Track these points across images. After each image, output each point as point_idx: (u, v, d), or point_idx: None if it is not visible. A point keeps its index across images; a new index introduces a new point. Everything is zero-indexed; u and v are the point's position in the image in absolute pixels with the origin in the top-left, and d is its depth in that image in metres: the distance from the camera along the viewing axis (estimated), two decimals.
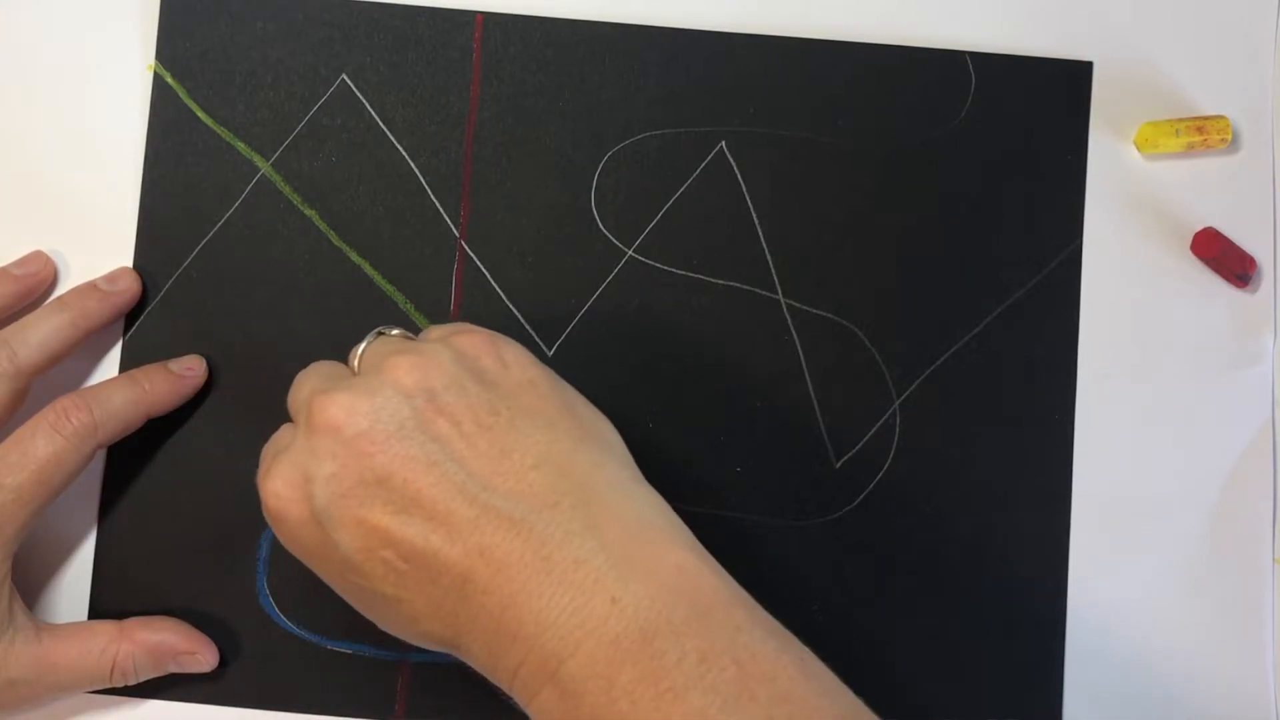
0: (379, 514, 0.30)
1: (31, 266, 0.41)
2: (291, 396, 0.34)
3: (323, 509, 0.31)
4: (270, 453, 0.34)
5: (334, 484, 0.30)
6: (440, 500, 0.30)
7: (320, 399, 0.31)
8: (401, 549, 0.30)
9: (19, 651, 0.37)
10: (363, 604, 0.32)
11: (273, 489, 0.31)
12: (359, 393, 0.31)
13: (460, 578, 0.30)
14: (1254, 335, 0.42)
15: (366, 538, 0.30)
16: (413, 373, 0.31)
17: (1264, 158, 0.43)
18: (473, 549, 0.29)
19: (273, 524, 0.32)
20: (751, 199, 0.42)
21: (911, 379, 0.42)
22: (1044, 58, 0.43)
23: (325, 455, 0.31)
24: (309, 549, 0.32)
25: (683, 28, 0.43)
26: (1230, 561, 0.41)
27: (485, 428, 0.31)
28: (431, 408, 0.31)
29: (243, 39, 0.42)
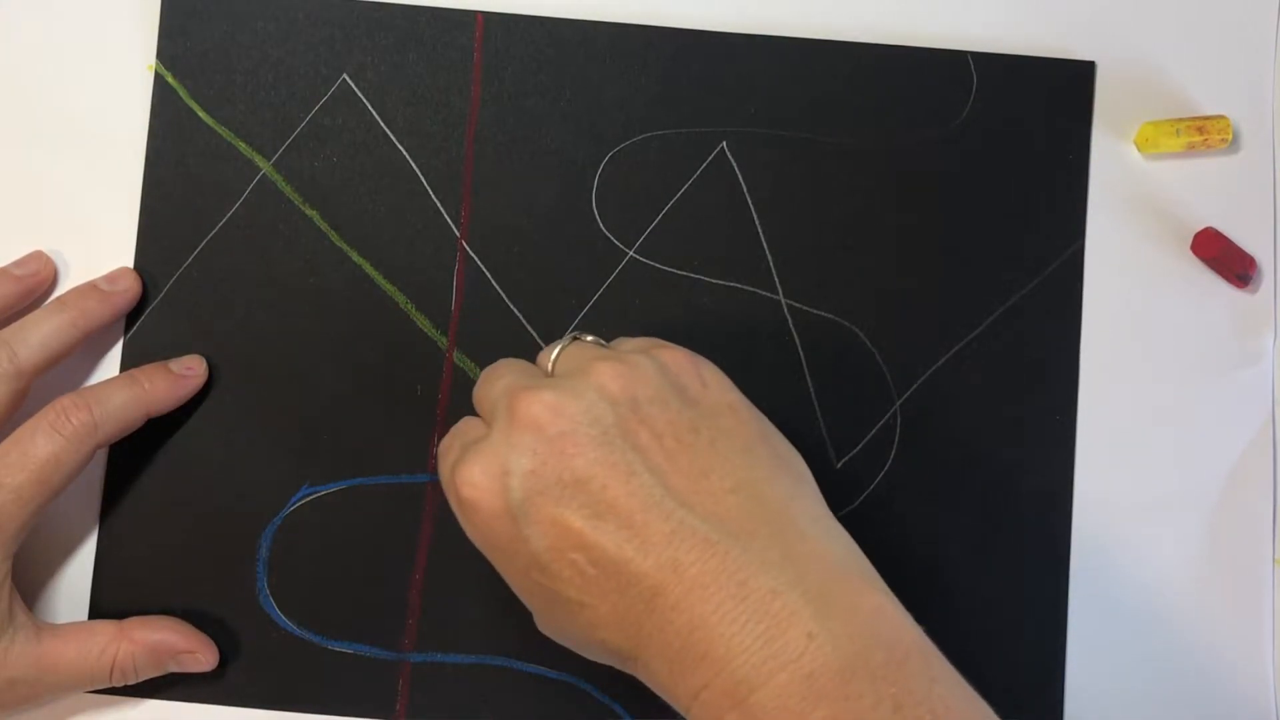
0: (574, 516, 0.30)
1: (31, 266, 0.41)
2: (483, 390, 0.34)
3: (518, 503, 0.30)
4: (457, 443, 0.33)
5: (532, 480, 0.30)
6: (637, 510, 0.30)
7: (525, 395, 0.31)
8: (592, 553, 0.30)
9: (19, 651, 0.37)
10: (540, 604, 0.32)
11: (468, 477, 0.31)
12: (564, 393, 0.31)
13: (650, 590, 0.29)
14: (1254, 335, 0.42)
15: (559, 537, 0.30)
16: (618, 380, 0.31)
17: (1264, 158, 0.43)
18: (666, 563, 0.29)
19: (462, 512, 0.32)
20: (752, 199, 0.42)
21: (912, 379, 0.42)
22: (1046, 58, 0.43)
23: (526, 451, 0.31)
24: (496, 542, 0.31)
25: (684, 28, 0.43)
26: (1231, 561, 0.41)
27: (685, 445, 0.31)
28: (635, 417, 0.31)
29: (244, 39, 0.42)
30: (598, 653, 0.32)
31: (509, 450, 0.31)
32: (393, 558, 0.41)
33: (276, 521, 0.41)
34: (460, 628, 0.41)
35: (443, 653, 0.41)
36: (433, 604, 0.41)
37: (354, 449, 0.41)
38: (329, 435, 0.41)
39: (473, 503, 0.31)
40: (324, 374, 0.42)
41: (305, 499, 0.41)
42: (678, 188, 0.42)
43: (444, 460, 0.34)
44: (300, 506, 0.41)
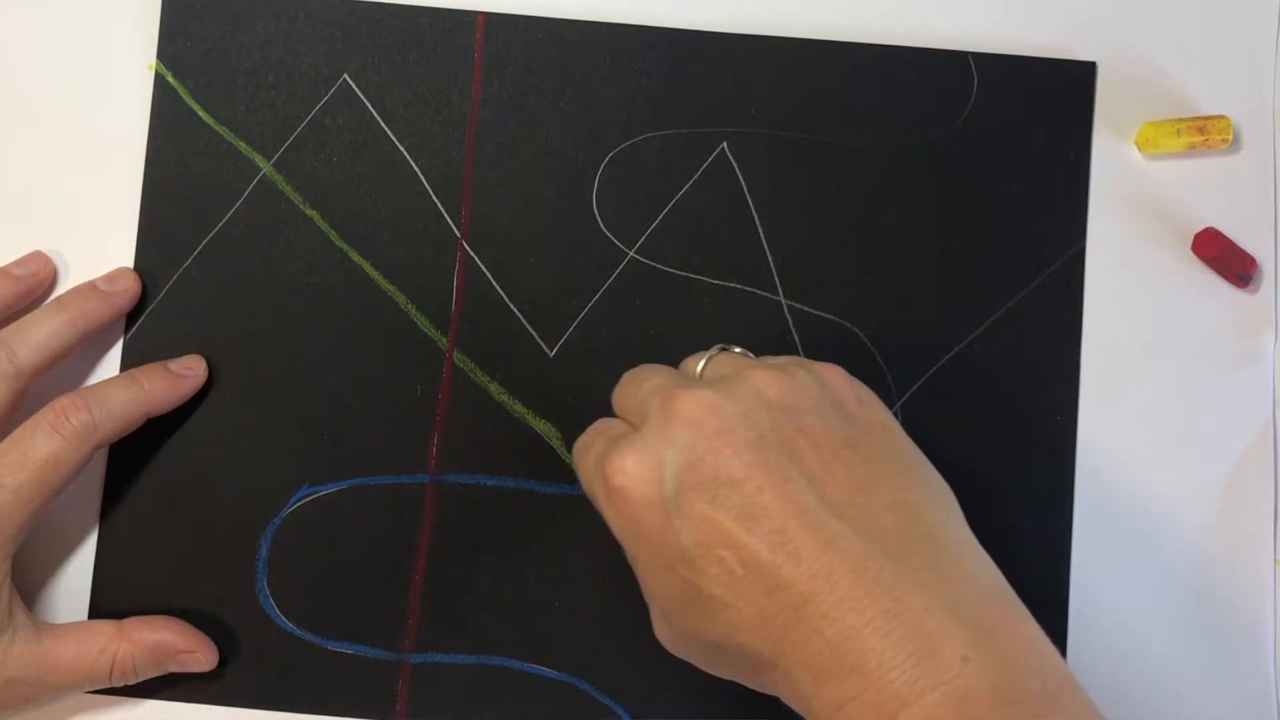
0: (726, 514, 0.30)
1: (31, 266, 0.41)
2: (628, 389, 0.34)
3: (670, 495, 0.30)
4: (599, 439, 0.33)
5: (687, 474, 0.30)
6: (791, 516, 0.30)
7: (683, 392, 0.31)
8: (743, 554, 0.30)
9: (19, 651, 0.37)
10: (676, 601, 0.31)
11: (621, 466, 0.31)
12: (723, 394, 0.31)
13: (800, 597, 0.29)
14: (1255, 335, 0.42)
15: (709, 533, 0.30)
16: (776, 387, 0.31)
17: (1265, 158, 0.43)
18: (818, 572, 0.29)
19: (610, 500, 0.32)
20: (753, 200, 0.42)
21: (913, 380, 0.42)
22: (1047, 58, 0.43)
23: (683, 446, 0.30)
24: (643, 532, 0.31)
25: (684, 28, 0.43)
26: (1231, 561, 0.41)
27: (842, 459, 0.31)
28: (792, 425, 0.31)
29: (244, 39, 0.42)
30: (731, 658, 0.31)
31: (664, 443, 0.31)
32: (393, 558, 0.41)
33: (276, 521, 0.41)
34: (460, 628, 0.41)
35: (443, 653, 0.41)
36: (433, 604, 0.41)
37: (354, 449, 0.41)
38: (329, 435, 0.41)
39: (623, 490, 0.31)
40: (324, 374, 0.41)
41: (305, 499, 0.41)
42: (678, 188, 0.42)
43: (585, 454, 0.34)
44: (300, 506, 0.41)
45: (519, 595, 0.41)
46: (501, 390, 0.42)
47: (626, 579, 0.41)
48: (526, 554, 0.41)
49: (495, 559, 0.41)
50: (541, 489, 0.41)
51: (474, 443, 0.41)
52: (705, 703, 0.41)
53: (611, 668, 0.41)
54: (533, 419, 0.42)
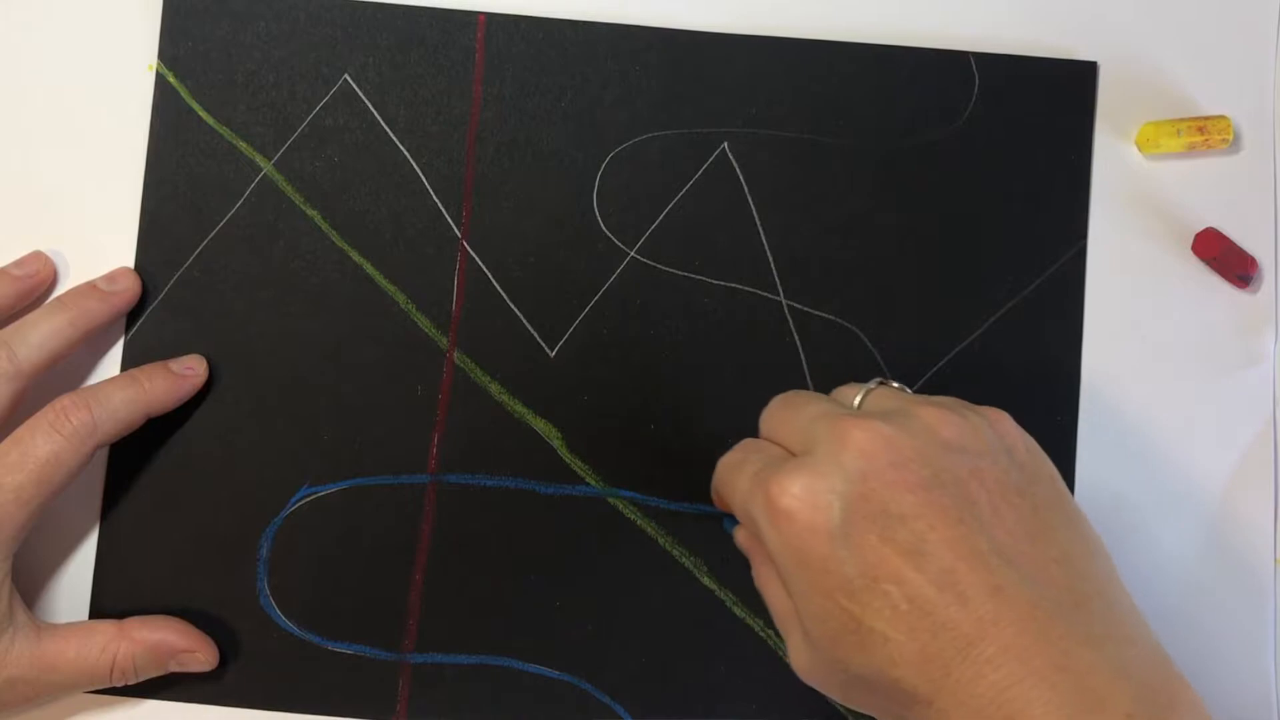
0: (896, 549, 0.30)
1: (31, 267, 0.41)
2: (786, 415, 0.34)
3: (839, 524, 0.30)
4: (754, 457, 0.34)
5: (860, 505, 0.30)
6: (962, 558, 0.29)
7: (857, 422, 0.31)
8: (909, 589, 0.29)
9: (19, 651, 0.37)
10: (836, 630, 0.31)
11: (788, 488, 0.31)
12: (898, 427, 0.31)
13: (965, 639, 0.29)
14: (1255, 335, 0.42)
15: (877, 566, 0.30)
16: (951, 427, 0.31)
17: (1265, 158, 0.43)
18: (985, 617, 0.29)
19: (775, 522, 0.31)
20: (753, 200, 0.42)
21: (913, 380, 0.42)
22: (1048, 58, 0.43)
23: (855, 476, 0.30)
24: (806, 558, 0.31)
25: (685, 29, 0.43)
26: (1232, 561, 0.41)
27: (1012, 506, 0.31)
28: (966, 467, 0.31)
29: (245, 39, 0.42)
30: (880, 692, 0.31)
31: (835, 471, 0.31)
32: (393, 558, 0.41)
33: (277, 521, 0.41)
34: (460, 628, 0.41)
35: (443, 653, 0.41)
36: (433, 604, 0.41)
37: (354, 449, 0.41)
38: (329, 435, 0.41)
39: (790, 514, 0.31)
40: (324, 374, 0.41)
41: (305, 499, 0.41)
42: (679, 188, 0.42)
43: (737, 471, 0.34)
44: (300, 506, 0.41)
45: (519, 595, 0.41)
46: (502, 390, 0.42)
47: (627, 579, 0.41)
48: (526, 554, 0.41)
49: (495, 559, 0.41)
50: (541, 489, 0.41)
51: (474, 443, 0.41)
52: (705, 703, 0.41)
53: (611, 668, 0.41)
54: (533, 419, 0.42)
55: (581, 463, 0.41)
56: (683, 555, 0.41)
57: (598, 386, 0.42)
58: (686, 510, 0.41)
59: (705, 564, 0.41)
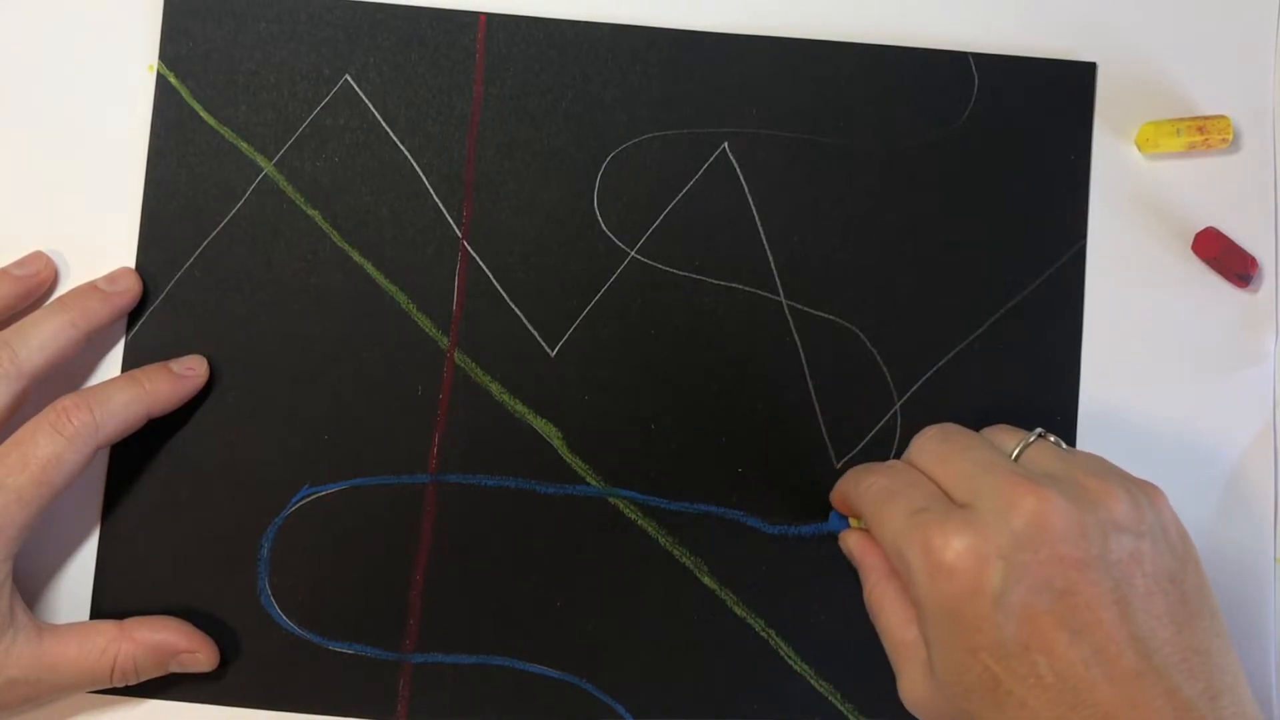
0: (1053, 622, 0.30)
1: (32, 267, 0.41)
2: (948, 453, 0.35)
3: (999, 588, 0.31)
4: (917, 493, 0.34)
5: (1025, 573, 0.31)
6: (1113, 640, 0.30)
7: (1030, 486, 0.32)
8: (1058, 664, 0.30)
9: (20, 651, 0.37)
10: (971, 685, 0.32)
11: (954, 544, 0.31)
12: (1073, 500, 0.32)
13: (1104, 717, 0.30)
14: (1255, 335, 0.42)
15: (1031, 636, 0.30)
16: (1119, 506, 0.32)
17: (1265, 158, 0.43)
18: (1125, 699, 0.30)
19: (932, 575, 0.32)
20: (754, 200, 0.42)
21: (913, 380, 0.42)
22: (1047, 58, 0.43)
23: (1025, 543, 0.31)
24: (961, 613, 0.31)
25: (685, 29, 0.43)
26: (1232, 561, 0.41)
27: (1164, 592, 0.31)
28: (1129, 549, 0.31)
29: (246, 39, 0.42)
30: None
31: (1006, 534, 0.31)
32: (393, 558, 0.41)
33: (277, 521, 0.41)
34: (461, 628, 0.41)
35: (443, 653, 0.41)
36: (433, 604, 0.41)
37: (354, 449, 0.41)
38: (329, 435, 0.41)
39: (952, 570, 0.31)
40: (325, 374, 0.42)
41: (306, 499, 0.41)
42: (679, 188, 0.42)
43: (891, 503, 0.34)
44: (301, 506, 0.41)
45: (519, 595, 0.41)
46: (502, 390, 0.42)
47: (627, 579, 0.41)
48: (526, 554, 0.41)
49: (495, 559, 0.41)
50: (542, 489, 0.41)
51: (474, 443, 0.41)
52: (705, 703, 0.41)
53: (612, 668, 0.41)
54: (533, 419, 0.42)
55: (582, 463, 0.41)
56: (683, 555, 0.41)
57: (598, 386, 0.42)
58: (686, 510, 0.41)
59: (705, 564, 0.41)
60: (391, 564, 0.41)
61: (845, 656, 0.41)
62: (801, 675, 0.41)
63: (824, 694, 0.41)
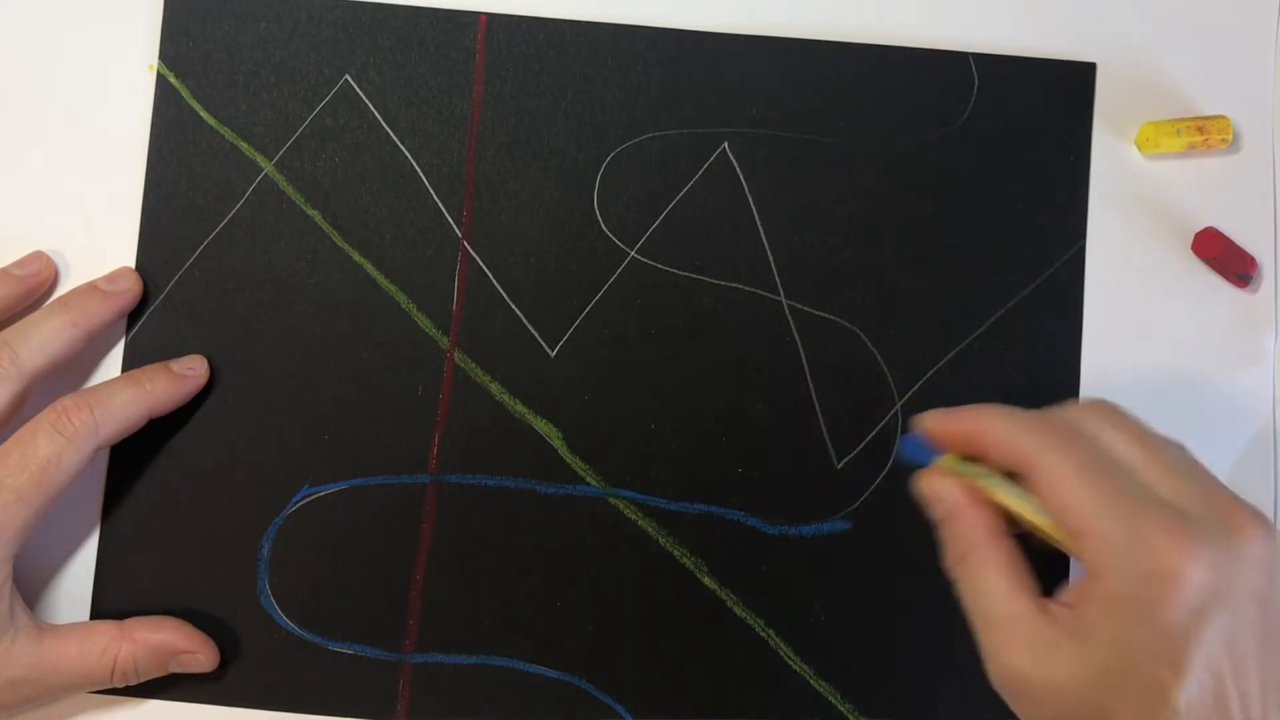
0: (1233, 660, 0.31)
1: (32, 267, 0.41)
2: (1151, 445, 0.33)
3: (1219, 613, 0.31)
4: (1129, 484, 0.33)
5: (1246, 607, 0.31)
6: (1269, 688, 0.31)
7: (1259, 526, 0.32)
8: (1233, 696, 0.31)
9: (20, 651, 0.37)
10: (1129, 687, 0.31)
11: (1186, 553, 0.31)
12: (1221, 552, 0.31)
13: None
14: (1255, 335, 0.42)
15: (1226, 668, 0.31)
16: (1262, 569, 0.32)
17: (1265, 158, 0.43)
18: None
19: (1151, 576, 0.31)
20: (754, 200, 0.42)
21: (913, 380, 0.42)
22: (1047, 59, 0.43)
23: (1249, 578, 0.31)
24: (1164, 622, 0.31)
25: (685, 29, 0.43)
26: None
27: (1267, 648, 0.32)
28: (1261, 602, 0.32)
29: (246, 39, 0.42)
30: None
31: (1233, 565, 0.31)
32: (393, 558, 0.41)
33: (277, 521, 0.41)
34: (461, 628, 0.41)
35: (443, 653, 0.41)
36: (433, 604, 0.41)
37: (354, 449, 0.41)
38: (329, 435, 0.41)
39: (1177, 579, 0.31)
40: (325, 374, 0.42)
41: (306, 499, 0.41)
42: (679, 188, 0.42)
43: (1099, 474, 0.33)
44: (301, 506, 0.41)
45: (519, 595, 0.41)
46: (502, 390, 0.42)
47: (627, 579, 0.41)
48: (526, 554, 0.41)
49: (495, 559, 0.41)
50: (542, 489, 0.41)
51: (474, 443, 0.41)
52: (706, 703, 0.41)
53: (612, 668, 0.41)
54: (533, 419, 0.42)
55: (582, 463, 0.42)
56: (683, 555, 0.41)
57: (598, 386, 0.42)
58: (686, 510, 0.41)
59: (705, 564, 0.41)
60: (391, 564, 0.41)
61: (845, 656, 0.41)
62: (801, 675, 0.41)
63: (824, 694, 0.41)
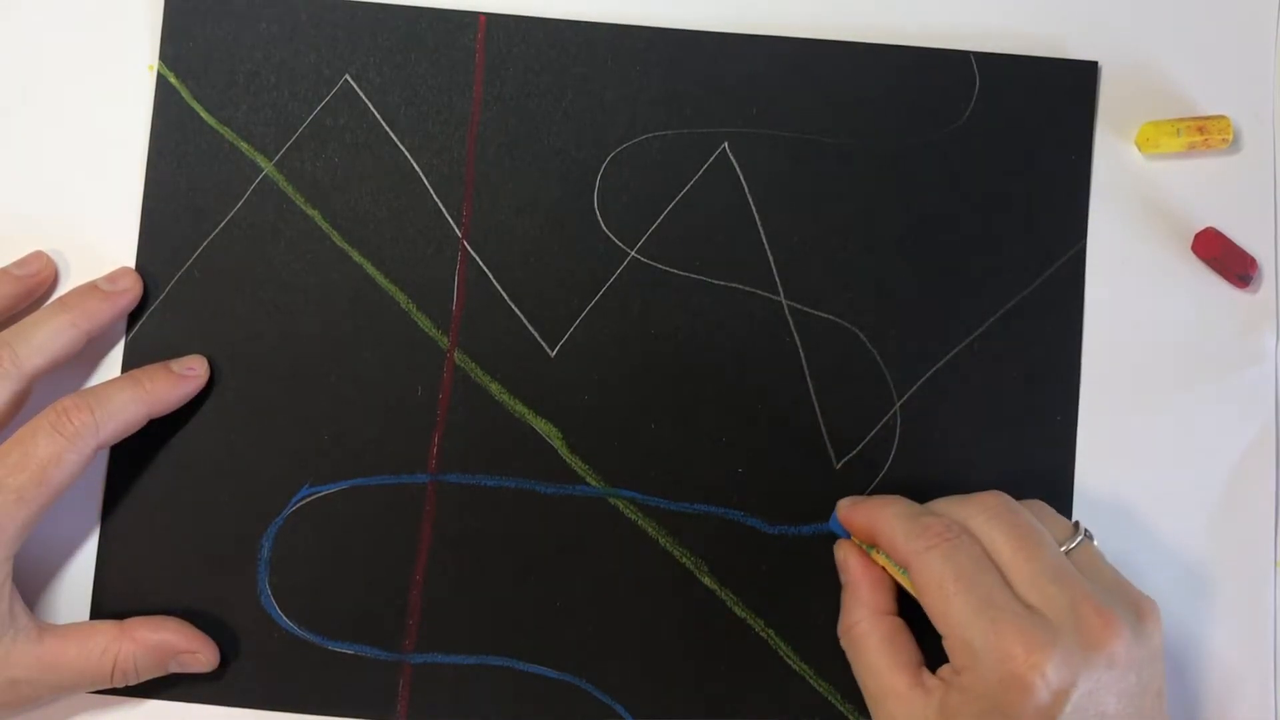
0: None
1: (33, 267, 0.41)
2: (1031, 550, 0.35)
3: (1064, 715, 0.33)
4: (996, 589, 0.35)
5: (1085, 701, 0.33)
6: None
7: (1112, 627, 0.34)
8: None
9: (20, 651, 0.37)
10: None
11: (1036, 662, 0.33)
12: (1135, 639, 0.34)
13: None
14: (1255, 335, 0.42)
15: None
16: (1158, 638, 0.35)
17: (1265, 158, 0.43)
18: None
19: (1006, 682, 0.33)
20: (754, 200, 0.42)
21: (913, 380, 0.42)
22: (1048, 58, 0.43)
23: (1097, 680, 0.33)
24: (1007, 712, 0.33)
25: (685, 29, 0.43)
26: (1232, 563, 0.41)
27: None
28: (1143, 684, 0.34)
29: (246, 39, 0.42)
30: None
31: (1084, 669, 0.33)
32: (393, 558, 0.41)
33: (278, 521, 0.41)
34: (461, 628, 0.41)
35: (443, 653, 0.41)
36: (433, 604, 0.41)
37: (354, 449, 0.41)
38: (329, 435, 0.41)
39: (1026, 686, 0.33)
40: (325, 374, 0.42)
41: (306, 499, 0.41)
42: (679, 188, 0.42)
43: (958, 585, 0.35)
44: (301, 506, 0.41)
45: (519, 595, 0.41)
46: (502, 390, 0.42)
47: (627, 579, 0.41)
48: (526, 554, 0.41)
49: (495, 559, 0.41)
50: (542, 489, 0.41)
51: (474, 443, 0.41)
52: (705, 703, 0.41)
53: (612, 668, 0.41)
54: (533, 419, 0.42)
55: (582, 463, 0.42)
56: (683, 555, 0.41)
57: (598, 386, 0.42)
58: (686, 510, 0.41)
59: (705, 564, 0.41)
60: (391, 564, 0.41)
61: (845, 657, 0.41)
62: (801, 675, 0.41)
63: (824, 694, 0.41)
